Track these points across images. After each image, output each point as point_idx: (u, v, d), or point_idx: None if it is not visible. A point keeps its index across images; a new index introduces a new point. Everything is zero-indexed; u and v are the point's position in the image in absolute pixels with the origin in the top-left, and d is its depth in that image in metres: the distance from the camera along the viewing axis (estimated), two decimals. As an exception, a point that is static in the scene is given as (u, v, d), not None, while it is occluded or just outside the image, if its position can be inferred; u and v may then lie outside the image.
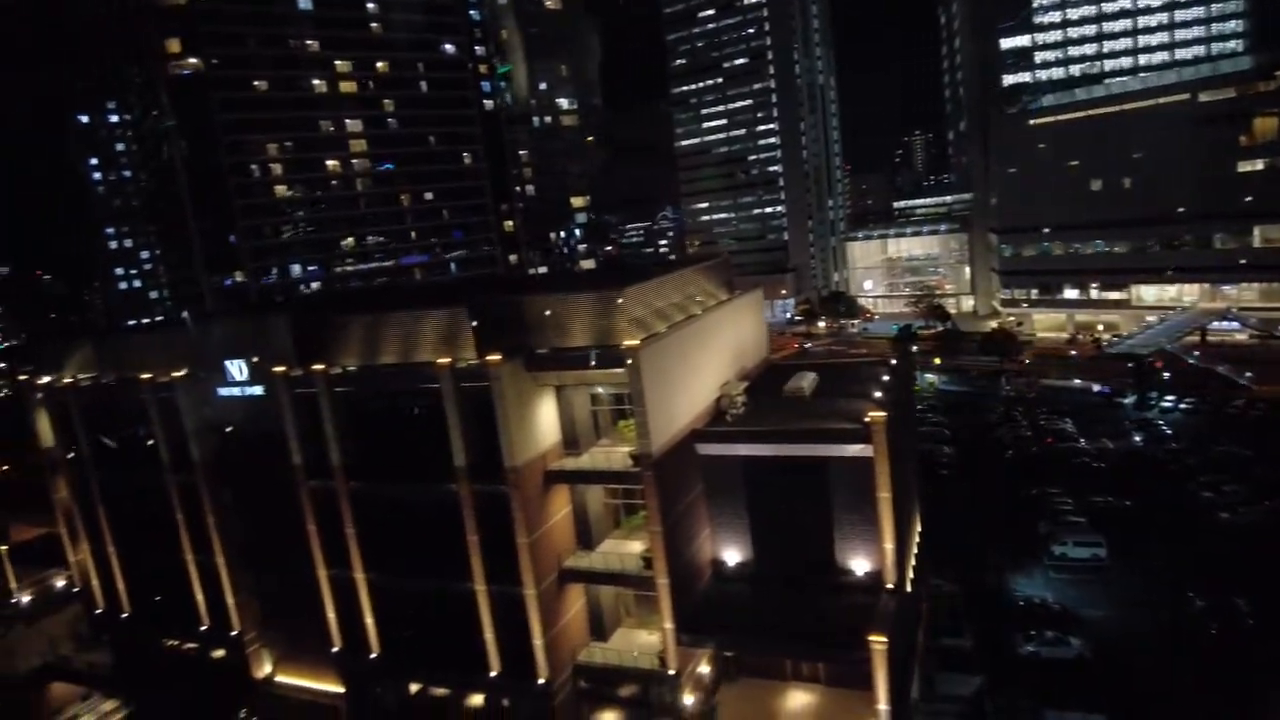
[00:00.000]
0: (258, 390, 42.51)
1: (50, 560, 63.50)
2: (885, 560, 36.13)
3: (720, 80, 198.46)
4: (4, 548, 61.97)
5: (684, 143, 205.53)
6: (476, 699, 42.55)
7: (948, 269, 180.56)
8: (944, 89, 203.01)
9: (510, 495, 35.74)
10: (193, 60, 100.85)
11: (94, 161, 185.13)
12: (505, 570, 36.85)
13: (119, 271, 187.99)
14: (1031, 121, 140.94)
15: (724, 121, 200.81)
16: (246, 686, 47.37)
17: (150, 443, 47.00)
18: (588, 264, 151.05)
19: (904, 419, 44.78)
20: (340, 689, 44.69)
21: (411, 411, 38.46)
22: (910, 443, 50.13)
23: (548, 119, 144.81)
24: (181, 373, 44.67)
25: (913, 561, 40.71)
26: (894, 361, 48.86)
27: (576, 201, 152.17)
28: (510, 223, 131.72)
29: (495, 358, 34.83)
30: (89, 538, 52.17)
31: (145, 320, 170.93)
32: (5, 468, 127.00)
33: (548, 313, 37.16)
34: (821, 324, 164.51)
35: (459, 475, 36.71)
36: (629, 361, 33.95)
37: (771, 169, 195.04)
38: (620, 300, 35.64)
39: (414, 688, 43.68)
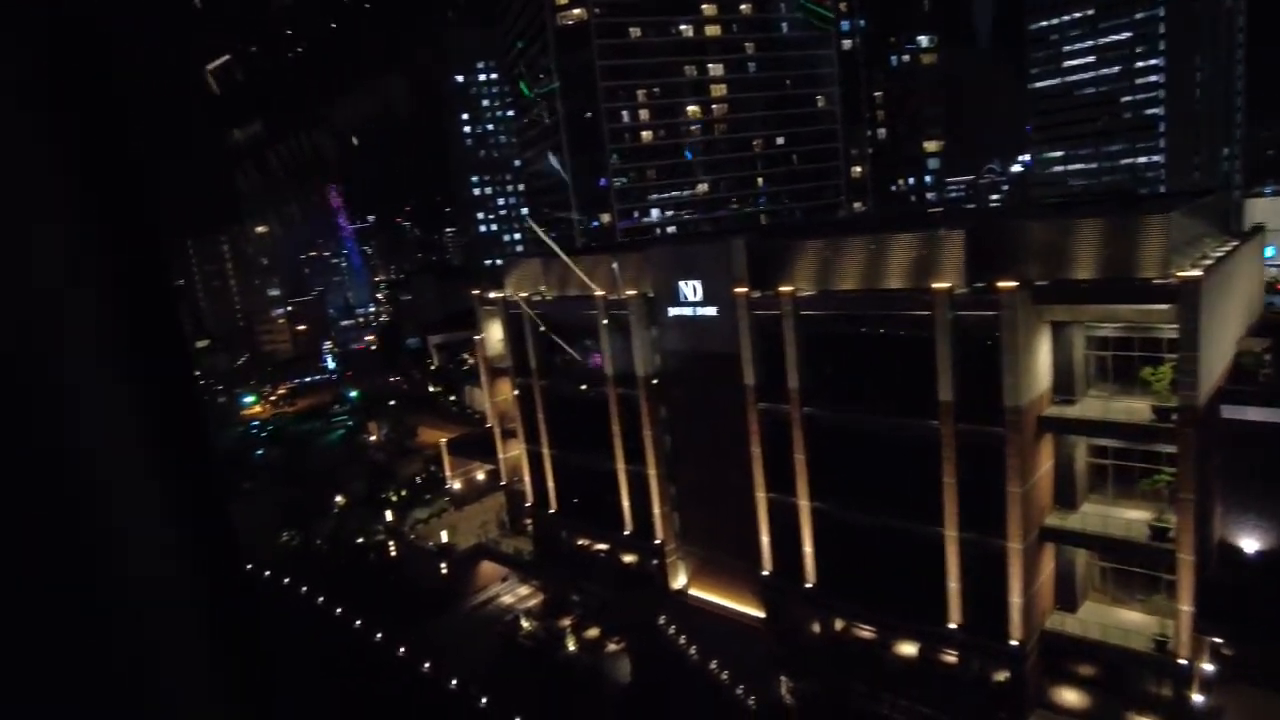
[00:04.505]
0: (710, 311, 43.36)
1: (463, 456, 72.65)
2: None
3: (1091, 11, 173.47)
4: (443, 440, 71.83)
5: (1039, 84, 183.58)
6: (907, 647, 40.82)
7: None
8: None
9: (1006, 439, 32.64)
10: (577, 11, 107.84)
11: (464, 117, 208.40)
12: (985, 519, 34.04)
13: (479, 215, 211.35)
14: None
15: (1092, 59, 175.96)
16: (662, 595, 49.90)
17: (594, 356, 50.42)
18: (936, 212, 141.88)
19: None
20: (758, 612, 45.32)
21: (884, 339, 36.62)
22: None
23: (905, 58, 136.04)
24: (633, 291, 47.01)
25: None
26: None
27: (929, 146, 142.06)
28: (859, 169, 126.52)
29: (1009, 284, 31.56)
30: (526, 439, 57.93)
31: (499, 260, 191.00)
32: (401, 379, 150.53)
33: (1058, 238, 33.05)
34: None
35: (942, 412, 34.28)
36: (1182, 296, 28.90)
37: (1150, 112, 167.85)
38: (1162, 226, 30.50)
39: (838, 624, 43.10)
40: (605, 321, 48.49)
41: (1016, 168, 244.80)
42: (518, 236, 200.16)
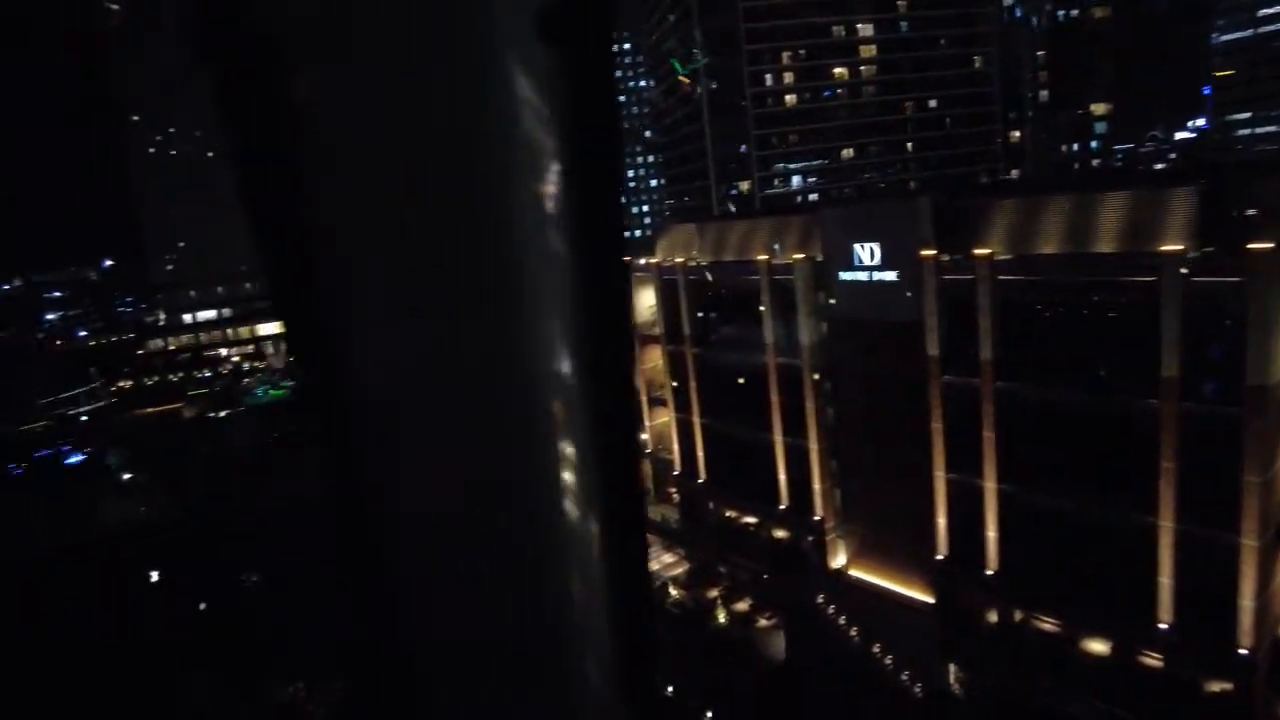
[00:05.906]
0: (888, 276, 40.87)
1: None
2: None
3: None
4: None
5: (1226, 37, 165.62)
6: (1098, 645, 37.58)
7: None
8: None
9: (1245, 421, 28.99)
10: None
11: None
12: (1211, 510, 30.52)
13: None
14: None
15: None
16: (820, 573, 48.25)
17: (754, 324, 48.87)
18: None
19: None
20: (926, 597, 42.99)
21: (1094, 308, 33.36)
22: None
23: (1073, 12, 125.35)
24: (800, 255, 45.10)
25: None
26: None
27: (1096, 109, 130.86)
28: (1017, 133, 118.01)
29: (1263, 246, 27.77)
30: (675, 407, 57.22)
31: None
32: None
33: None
34: None
35: (1164, 389, 30.82)
36: None
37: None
38: None
39: (1018, 615, 40.24)
40: (768, 287, 46.80)
41: (1184, 134, 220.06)
42: (645, 208, 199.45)
